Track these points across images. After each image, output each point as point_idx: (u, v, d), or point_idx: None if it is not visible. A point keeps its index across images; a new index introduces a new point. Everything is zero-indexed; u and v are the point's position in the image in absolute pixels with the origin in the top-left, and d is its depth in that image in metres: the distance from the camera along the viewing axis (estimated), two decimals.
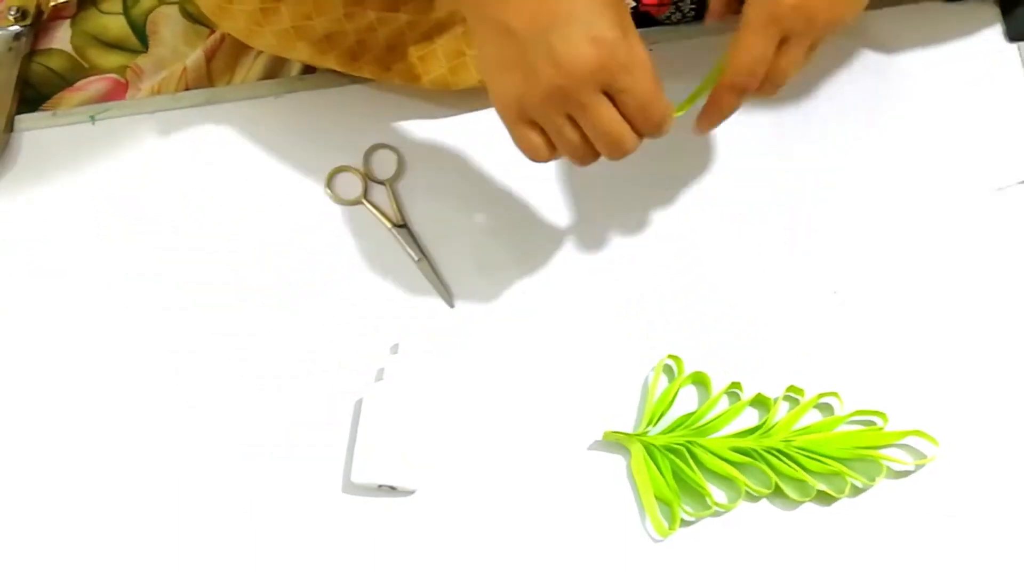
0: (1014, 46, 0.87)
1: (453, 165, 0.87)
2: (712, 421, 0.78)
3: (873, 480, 0.76)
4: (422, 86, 0.86)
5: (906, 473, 0.77)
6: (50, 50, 0.96)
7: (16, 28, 0.94)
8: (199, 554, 0.78)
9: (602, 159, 0.68)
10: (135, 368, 0.82)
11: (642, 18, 0.89)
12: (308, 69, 0.92)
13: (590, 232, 0.84)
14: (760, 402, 0.79)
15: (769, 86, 0.71)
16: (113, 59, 0.95)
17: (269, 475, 0.79)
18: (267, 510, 0.78)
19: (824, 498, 0.76)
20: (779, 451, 0.76)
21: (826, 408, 0.79)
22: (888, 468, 0.77)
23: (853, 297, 0.82)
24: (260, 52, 0.92)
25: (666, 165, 0.85)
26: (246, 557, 0.77)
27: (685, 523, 0.76)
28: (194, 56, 0.93)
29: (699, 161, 0.86)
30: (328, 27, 0.83)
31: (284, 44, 0.84)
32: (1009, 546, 0.76)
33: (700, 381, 0.80)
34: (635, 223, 0.84)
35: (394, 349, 0.80)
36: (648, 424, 0.78)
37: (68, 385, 0.82)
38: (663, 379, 0.79)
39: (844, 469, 0.76)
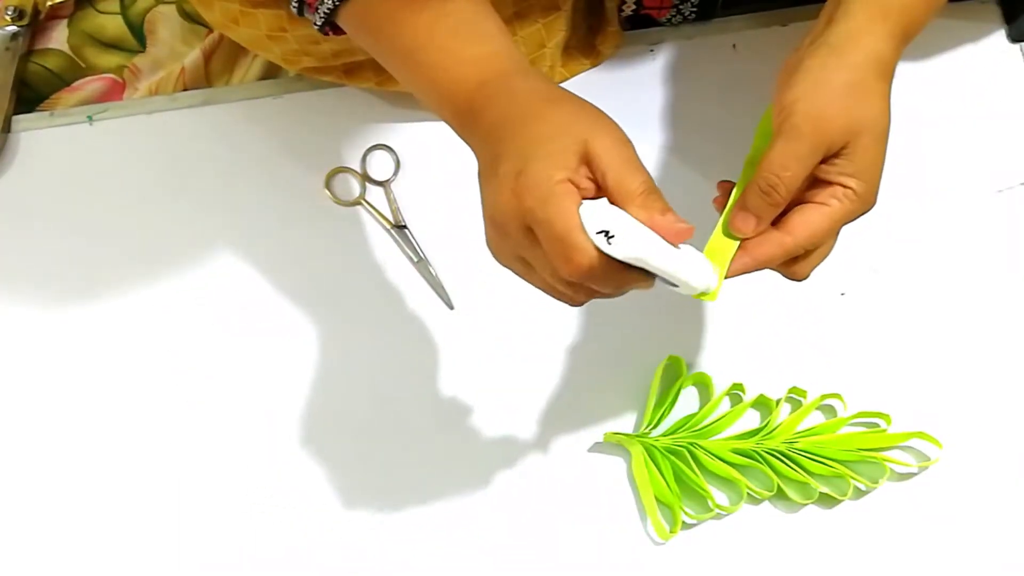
0: (1016, 47, 0.87)
1: (452, 166, 0.86)
2: (714, 423, 0.77)
3: (876, 482, 0.76)
4: None
5: (909, 475, 0.77)
6: (47, 50, 0.96)
7: (13, 28, 0.94)
8: (199, 556, 0.77)
9: None
10: (133, 368, 0.82)
11: (643, 20, 0.89)
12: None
13: None
14: (762, 404, 0.79)
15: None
16: (110, 59, 0.95)
17: (268, 475, 0.79)
18: (268, 510, 0.78)
19: (827, 500, 0.76)
20: (781, 453, 0.76)
21: (829, 410, 0.79)
22: (891, 470, 0.76)
23: (855, 298, 0.81)
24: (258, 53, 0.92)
25: (667, 165, 0.85)
26: (245, 558, 0.77)
27: (686, 525, 0.76)
28: (192, 56, 0.93)
29: (702, 162, 0.85)
30: (301, 41, 0.83)
31: (258, 46, 0.85)
32: (1012, 548, 0.75)
33: (702, 382, 0.79)
34: None
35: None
36: (649, 425, 0.77)
37: (66, 386, 0.82)
38: (664, 380, 0.79)
39: (847, 471, 0.75)
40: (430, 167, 0.87)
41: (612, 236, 0.54)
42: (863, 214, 0.62)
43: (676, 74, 0.88)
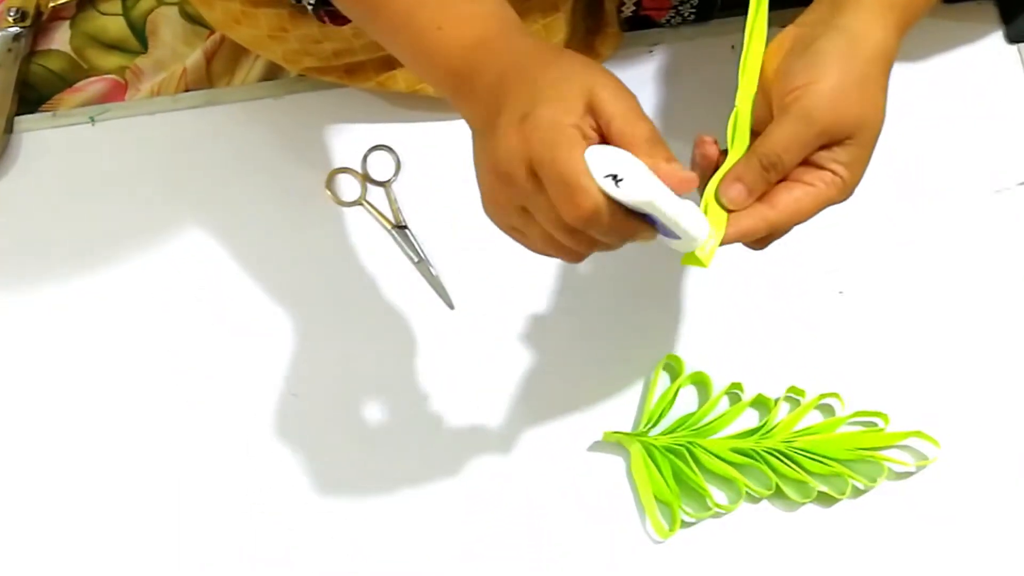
0: (1014, 48, 0.87)
1: (452, 166, 0.86)
2: (712, 422, 0.77)
3: (874, 481, 0.76)
4: (425, 93, 0.86)
5: (907, 474, 0.77)
6: (49, 51, 0.96)
7: (15, 29, 0.94)
8: (199, 556, 0.77)
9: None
10: (134, 367, 0.82)
11: (643, 21, 0.89)
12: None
13: None
14: (761, 403, 0.79)
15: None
16: (112, 60, 0.95)
17: (267, 476, 0.79)
18: (267, 510, 0.78)
19: (825, 499, 0.76)
20: (780, 452, 0.76)
21: (827, 409, 0.79)
22: (889, 469, 0.76)
23: (853, 297, 0.81)
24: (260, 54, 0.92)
25: None
26: (246, 558, 0.77)
27: (685, 524, 0.76)
28: (194, 57, 0.93)
29: None
30: (302, 41, 0.83)
31: (259, 46, 0.85)
32: (1010, 547, 0.75)
33: (700, 381, 0.79)
34: None
35: None
36: (648, 424, 0.77)
37: (68, 386, 0.82)
38: (663, 379, 0.79)
39: (845, 470, 0.75)
40: (431, 167, 0.87)
41: (620, 179, 0.54)
42: (839, 203, 0.62)
43: (675, 75, 0.88)
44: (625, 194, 0.54)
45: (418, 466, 0.79)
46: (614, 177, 0.54)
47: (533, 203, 0.57)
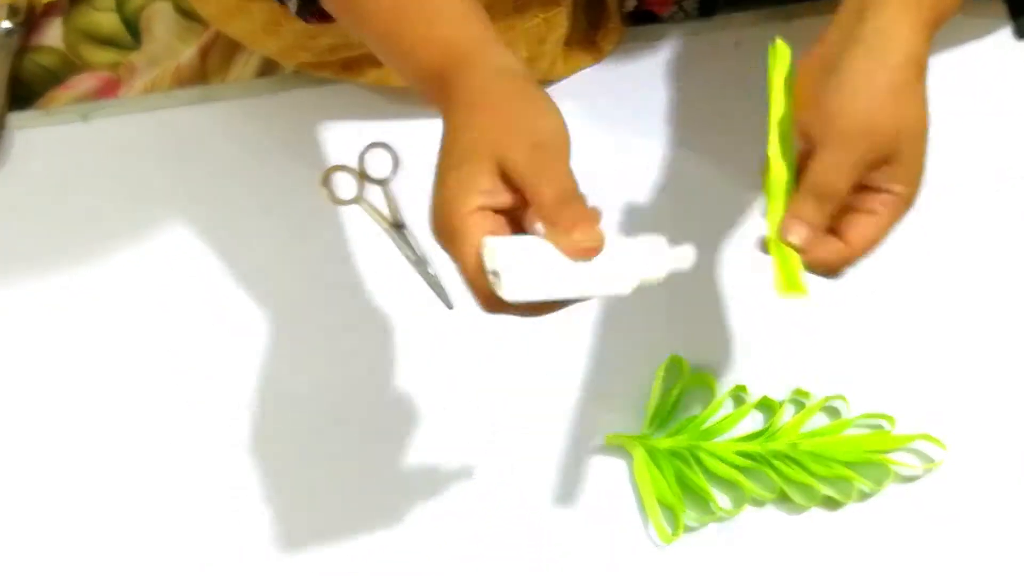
0: (1022, 43, 0.87)
1: None
2: (716, 424, 0.77)
3: (880, 484, 0.76)
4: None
5: (914, 477, 0.77)
6: (42, 47, 0.95)
7: (7, 25, 0.94)
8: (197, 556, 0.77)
9: None
10: (129, 366, 0.82)
11: (645, 16, 0.89)
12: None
13: None
14: (765, 405, 0.78)
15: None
16: (106, 56, 0.95)
17: (266, 476, 0.78)
18: (267, 510, 0.78)
19: (831, 503, 0.76)
20: (785, 455, 0.76)
21: (833, 411, 0.78)
22: (896, 472, 0.76)
23: (858, 299, 0.81)
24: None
25: (669, 161, 0.84)
26: (246, 559, 0.77)
27: (689, 529, 0.76)
28: (188, 53, 0.93)
29: (703, 158, 0.85)
30: (297, 36, 0.82)
31: (254, 40, 0.84)
32: (1018, 550, 0.75)
33: (704, 384, 0.79)
34: (637, 222, 0.83)
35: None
36: (651, 427, 0.77)
37: (63, 385, 0.81)
38: (666, 381, 0.78)
39: (851, 473, 0.75)
40: (429, 165, 0.85)
41: (498, 275, 0.52)
42: (906, 215, 0.61)
43: (678, 71, 0.88)
44: (503, 293, 0.53)
45: (417, 467, 0.78)
46: (495, 273, 0.52)
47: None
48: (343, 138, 0.87)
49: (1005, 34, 0.87)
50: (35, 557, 0.77)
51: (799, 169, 0.62)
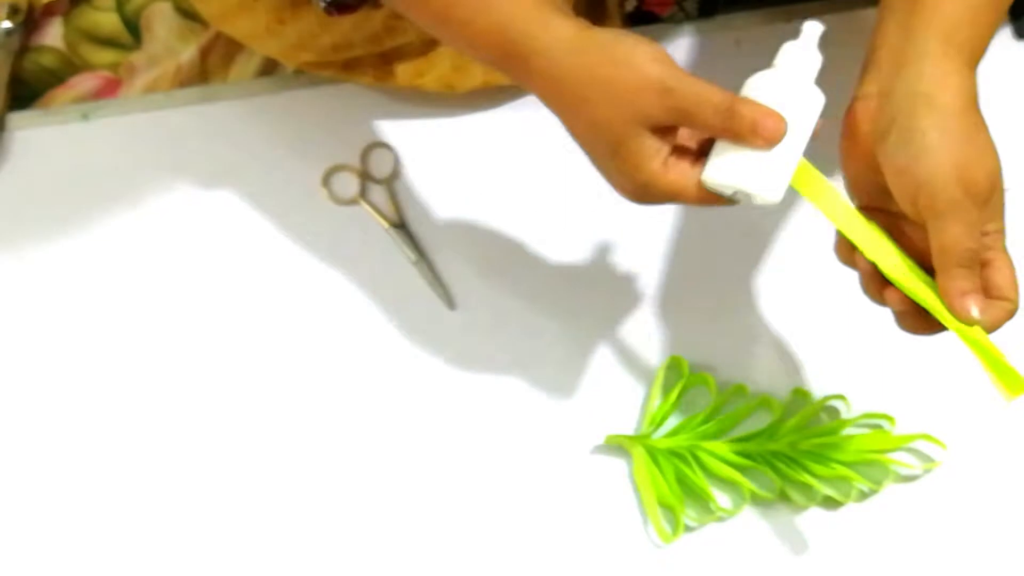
0: (1022, 43, 0.87)
1: (451, 164, 0.86)
2: (716, 424, 0.77)
3: (880, 484, 0.76)
4: (425, 88, 0.85)
5: (913, 477, 0.77)
6: (42, 47, 0.95)
7: (7, 24, 0.93)
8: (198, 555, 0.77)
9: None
10: (130, 367, 0.81)
11: (645, 16, 0.89)
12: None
13: (591, 232, 0.83)
14: (765, 405, 0.78)
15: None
16: (106, 56, 0.95)
17: (266, 476, 0.78)
18: (266, 510, 0.77)
19: (830, 503, 0.76)
20: (784, 455, 0.76)
21: (833, 411, 0.78)
22: (895, 472, 0.76)
23: (858, 299, 0.81)
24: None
25: None
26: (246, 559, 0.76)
27: (688, 528, 0.76)
28: (189, 53, 0.93)
29: None
30: (300, 35, 0.82)
31: (255, 40, 0.84)
32: (1017, 550, 0.75)
33: (704, 383, 0.79)
34: (637, 223, 0.83)
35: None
36: (651, 427, 0.77)
37: (63, 387, 0.81)
38: (666, 381, 0.78)
39: (851, 473, 0.75)
40: (430, 165, 0.86)
41: (744, 193, 0.59)
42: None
43: None
44: (771, 196, 0.59)
45: (417, 467, 0.78)
46: (741, 193, 0.59)
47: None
48: (344, 138, 0.87)
49: (1005, 34, 0.87)
50: (35, 557, 0.77)
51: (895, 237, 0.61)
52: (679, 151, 0.60)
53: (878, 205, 0.61)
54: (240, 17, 0.83)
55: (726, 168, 0.59)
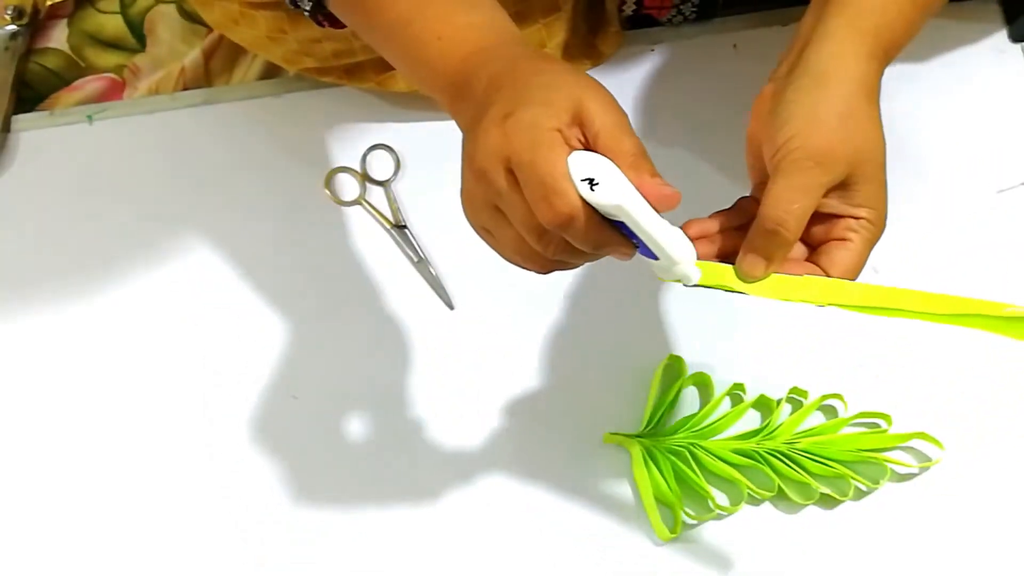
0: (1017, 47, 0.87)
1: (452, 165, 0.85)
2: (714, 423, 0.77)
3: (877, 483, 0.76)
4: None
5: (910, 476, 0.77)
6: (47, 49, 0.96)
7: (12, 27, 0.94)
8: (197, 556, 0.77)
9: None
10: (132, 366, 0.82)
11: (644, 20, 0.89)
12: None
13: None
14: (763, 404, 0.78)
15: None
16: (110, 58, 0.95)
17: (265, 476, 0.78)
18: (265, 510, 0.78)
19: (827, 501, 0.76)
20: (782, 453, 0.76)
21: (830, 410, 0.78)
22: (892, 471, 0.76)
23: None
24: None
25: (668, 164, 0.85)
26: (246, 558, 0.77)
27: (687, 526, 0.76)
28: (192, 55, 0.93)
29: (702, 161, 0.85)
30: (302, 42, 0.83)
31: (258, 46, 0.84)
32: (1014, 549, 0.75)
33: (702, 382, 0.79)
34: None
35: None
36: (649, 426, 0.77)
37: (66, 386, 0.82)
38: (664, 380, 0.79)
39: (848, 472, 0.75)
40: (430, 167, 0.87)
41: (596, 183, 0.53)
42: (879, 237, 0.61)
43: (677, 74, 0.88)
44: (600, 197, 0.53)
45: (417, 467, 0.78)
46: (591, 181, 0.53)
47: (507, 202, 0.56)
48: (345, 140, 0.87)
49: (1000, 37, 0.87)
50: (35, 557, 0.78)
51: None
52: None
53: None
54: (242, 25, 0.84)
55: (606, 162, 0.55)
